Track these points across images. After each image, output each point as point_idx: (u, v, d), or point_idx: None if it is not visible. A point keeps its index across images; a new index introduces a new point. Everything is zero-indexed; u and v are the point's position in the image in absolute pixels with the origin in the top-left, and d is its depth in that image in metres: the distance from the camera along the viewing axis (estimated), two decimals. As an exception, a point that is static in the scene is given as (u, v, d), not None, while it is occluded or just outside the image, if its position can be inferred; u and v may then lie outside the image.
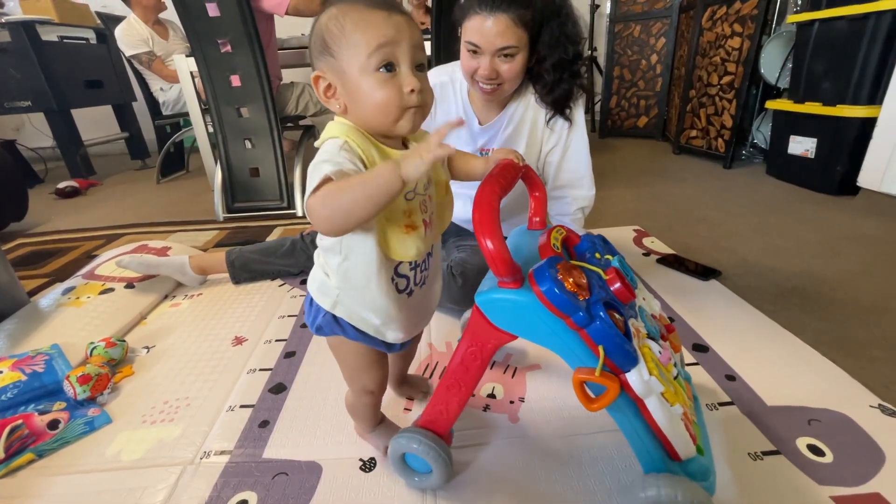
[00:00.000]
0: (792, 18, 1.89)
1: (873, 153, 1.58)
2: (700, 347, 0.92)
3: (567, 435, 0.73)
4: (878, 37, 1.53)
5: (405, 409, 0.81)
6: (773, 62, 2.11)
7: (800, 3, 2.05)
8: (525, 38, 0.88)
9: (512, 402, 0.81)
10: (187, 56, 1.95)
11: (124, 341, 0.98)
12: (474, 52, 0.88)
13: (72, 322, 1.04)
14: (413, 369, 0.90)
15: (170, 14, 2.14)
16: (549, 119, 0.99)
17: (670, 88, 2.87)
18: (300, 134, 2.15)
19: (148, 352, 1.01)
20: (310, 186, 0.47)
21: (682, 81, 2.59)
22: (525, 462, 0.69)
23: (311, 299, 0.59)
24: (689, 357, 0.89)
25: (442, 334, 1.01)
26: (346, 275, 0.54)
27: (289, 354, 0.97)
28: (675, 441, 0.51)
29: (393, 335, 0.59)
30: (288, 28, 2.23)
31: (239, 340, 1.04)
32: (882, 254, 1.28)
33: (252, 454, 0.73)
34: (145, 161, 3.19)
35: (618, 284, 0.53)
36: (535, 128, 1.01)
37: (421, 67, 0.51)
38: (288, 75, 2.23)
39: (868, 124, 1.59)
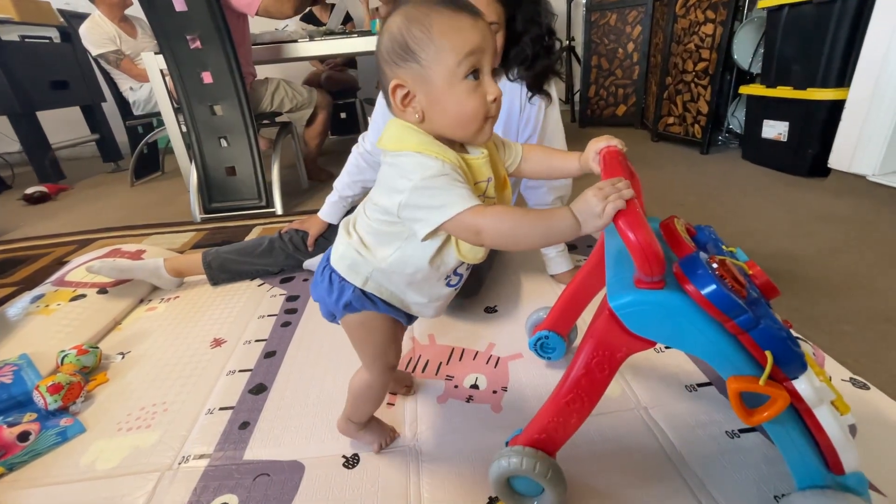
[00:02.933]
0: (762, 4, 1.91)
1: (842, 135, 1.62)
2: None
3: (549, 422, 0.73)
4: (845, 20, 1.56)
5: (388, 403, 0.80)
6: (745, 48, 2.14)
7: (770, -12, 2.07)
8: (503, 14, 0.87)
9: (495, 392, 0.81)
10: (156, 53, 1.90)
11: (97, 348, 0.95)
12: None
13: (41, 331, 1.01)
14: (395, 364, 0.89)
15: (137, 10, 2.07)
16: (531, 97, 0.98)
17: (647, 76, 2.89)
18: (276, 131, 2.11)
19: (123, 358, 0.98)
20: (434, 207, 0.46)
21: (658, 69, 2.61)
22: None
23: (332, 279, 0.57)
24: (667, 340, 0.90)
25: (424, 327, 1.00)
26: (396, 263, 0.53)
27: (269, 354, 0.96)
28: (844, 454, 0.46)
29: (417, 311, 0.61)
30: (261, 23, 2.18)
31: (218, 342, 1.02)
32: (851, 232, 1.31)
33: (232, 456, 0.71)
34: (118, 163, 3.11)
35: (765, 278, 0.47)
36: (510, 114, 1.01)
37: (494, 73, 0.50)
38: (262, 71, 2.18)
39: (837, 107, 1.62)
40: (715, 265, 0.44)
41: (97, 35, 2.38)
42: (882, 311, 0.94)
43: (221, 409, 0.82)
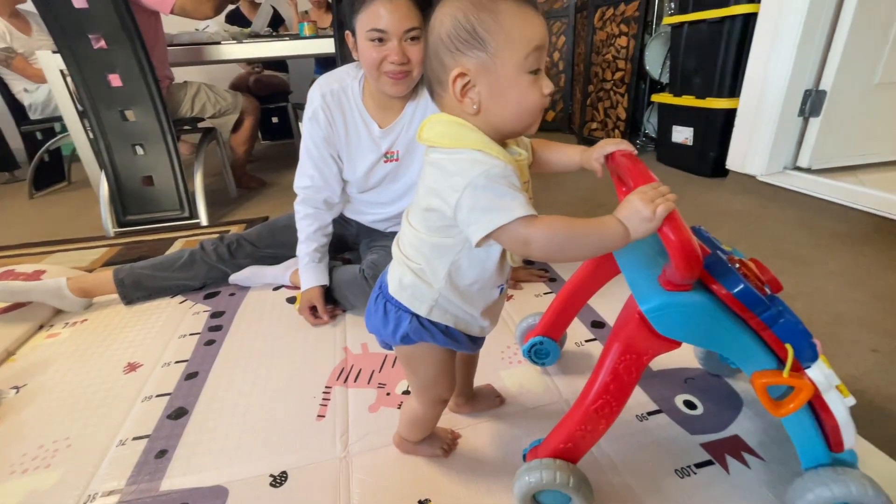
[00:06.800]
0: (666, 20, 2.10)
1: (736, 140, 1.82)
2: (598, 324, 1.00)
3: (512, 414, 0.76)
4: (733, 38, 1.75)
5: (319, 416, 0.79)
6: (656, 59, 2.33)
7: (673, 6, 2.28)
8: (423, 21, 0.88)
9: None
10: (54, 52, 1.72)
11: (-16, 383, 0.85)
12: (380, 39, 0.86)
13: (-88, 368, 0.89)
14: (328, 373, 0.88)
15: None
16: None
17: (573, 84, 3.06)
18: (200, 137, 1.99)
19: (17, 392, 0.88)
20: (489, 210, 0.43)
21: (581, 77, 2.77)
22: (467, 448, 0.70)
23: (387, 309, 0.54)
24: (587, 334, 0.96)
25: (357, 337, 1.00)
26: (458, 273, 0.50)
27: (190, 376, 0.91)
28: (846, 433, 0.50)
29: (483, 324, 0.57)
30: (179, 23, 2.05)
31: (132, 367, 0.95)
32: (746, 225, 1.48)
33: (147, 489, 0.67)
34: (14, 173, 2.78)
35: (770, 275, 0.49)
36: (435, 125, 1.03)
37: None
38: (182, 74, 2.06)
39: (731, 114, 1.82)
40: (737, 265, 0.46)
41: (-18, 31, 2.12)
42: (766, 297, 1.06)
43: (135, 438, 0.76)
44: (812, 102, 1.63)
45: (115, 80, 1.62)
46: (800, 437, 0.52)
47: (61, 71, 1.77)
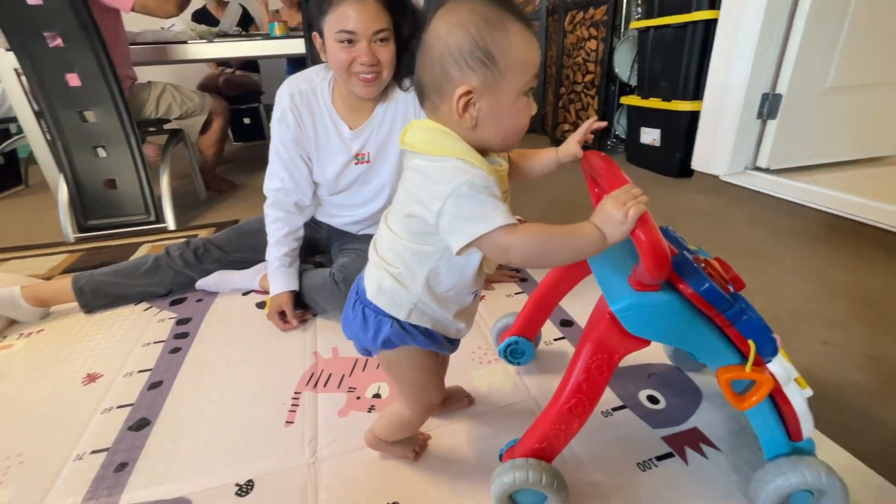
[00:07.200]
0: (634, 25, 2.15)
1: (700, 141, 1.88)
2: (566, 323, 1.01)
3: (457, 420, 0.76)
4: (696, 42, 1.81)
5: (287, 422, 0.78)
6: (624, 62, 2.39)
7: (640, 10, 2.34)
8: (391, 22, 0.88)
9: (397, 399, 0.82)
10: (7, 50, 1.65)
11: (-71, 400, 0.81)
12: (349, 41, 0.86)
13: None
14: (297, 378, 0.87)
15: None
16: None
17: (545, 86, 3.11)
18: (166, 138, 1.94)
19: (-34, 408, 0.84)
20: (471, 219, 0.44)
21: (553, 80, 2.82)
22: (437, 449, 0.71)
23: (366, 314, 0.54)
24: (556, 332, 0.98)
25: (327, 341, 0.99)
26: (436, 279, 0.51)
27: (154, 385, 0.88)
28: (805, 423, 0.52)
29: (459, 326, 0.57)
30: (143, 22, 1.98)
31: (92, 377, 0.91)
32: (709, 224, 1.53)
33: (105, 504, 0.65)
34: (-35, 177, 2.64)
35: (734, 273, 0.51)
36: (404, 126, 1.03)
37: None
38: (145, 74, 2.00)
39: (695, 116, 1.88)
40: (702, 265, 0.48)
41: (-74, 26, 2.00)
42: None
43: (94, 452, 0.73)
44: (769, 105, 1.70)
45: (73, 80, 1.56)
46: (762, 428, 0.54)
47: (15, 70, 1.70)
